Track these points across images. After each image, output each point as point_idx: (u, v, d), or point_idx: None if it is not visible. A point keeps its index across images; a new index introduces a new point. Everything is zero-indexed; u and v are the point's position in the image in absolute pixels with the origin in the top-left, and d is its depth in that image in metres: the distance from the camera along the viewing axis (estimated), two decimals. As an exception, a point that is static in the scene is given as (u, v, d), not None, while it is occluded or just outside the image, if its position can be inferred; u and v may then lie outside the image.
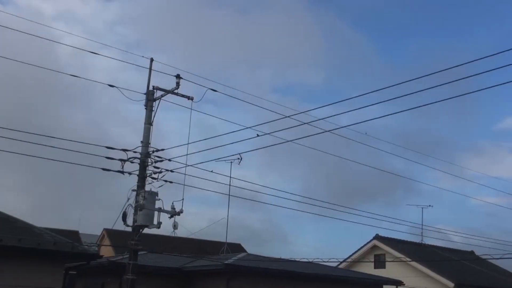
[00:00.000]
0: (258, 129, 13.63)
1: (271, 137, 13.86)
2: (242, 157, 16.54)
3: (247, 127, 13.99)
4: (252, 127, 13.80)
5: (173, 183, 14.13)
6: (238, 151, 15.89)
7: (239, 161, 17.45)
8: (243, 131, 14.02)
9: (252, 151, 15.59)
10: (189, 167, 13.78)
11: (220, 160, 16.97)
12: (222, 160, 17.32)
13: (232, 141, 14.40)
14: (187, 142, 13.91)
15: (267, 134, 13.74)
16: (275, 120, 13.07)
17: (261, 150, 15.20)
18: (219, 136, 14.72)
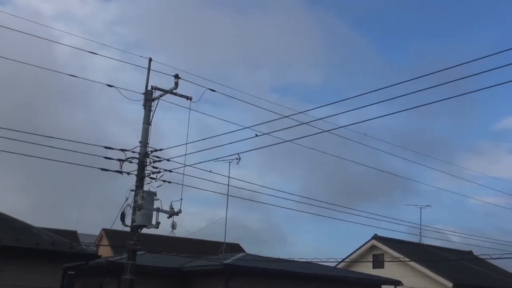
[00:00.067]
0: (257, 129, 13.62)
1: (270, 137, 13.87)
2: (240, 157, 16.59)
3: (245, 127, 14.00)
4: (250, 127, 13.79)
5: (171, 183, 14.13)
6: (237, 151, 15.94)
7: (238, 161, 17.51)
8: (242, 131, 14.03)
9: (251, 151, 15.60)
10: (187, 167, 13.80)
11: (219, 160, 17.00)
12: (221, 160, 17.36)
13: (230, 141, 14.44)
14: (186, 142, 13.92)
15: (265, 134, 13.73)
16: (274, 120, 13.08)
17: (260, 150, 15.23)
18: (217, 136, 14.75)
